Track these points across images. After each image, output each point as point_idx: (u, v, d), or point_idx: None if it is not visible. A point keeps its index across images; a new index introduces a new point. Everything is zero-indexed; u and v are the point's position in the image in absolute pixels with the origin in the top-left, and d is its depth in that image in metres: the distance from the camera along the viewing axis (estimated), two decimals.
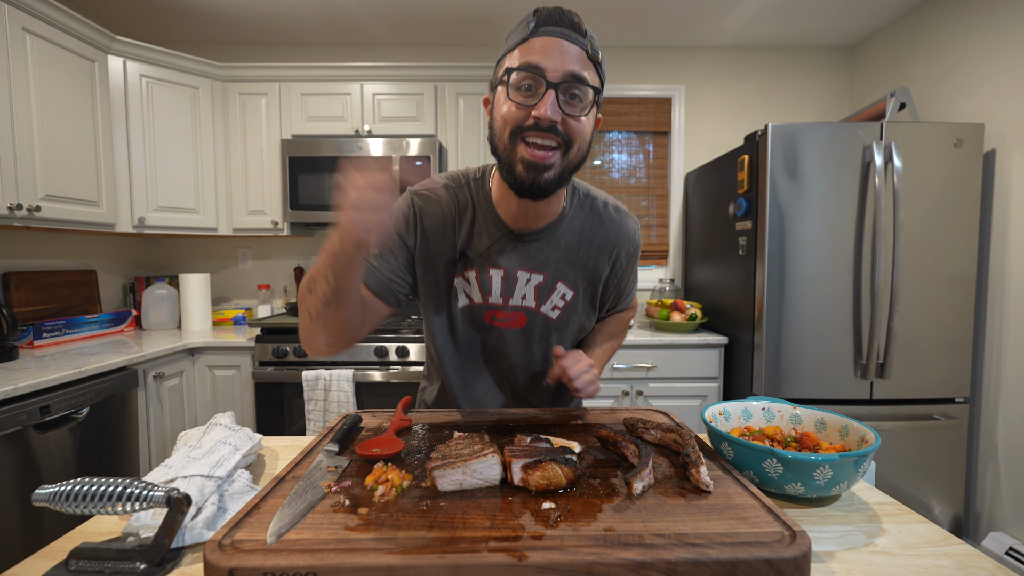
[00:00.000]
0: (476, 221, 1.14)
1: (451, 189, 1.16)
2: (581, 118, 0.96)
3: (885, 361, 2.50)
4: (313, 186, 3.06)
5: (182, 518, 0.71)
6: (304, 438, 1.22)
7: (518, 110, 0.94)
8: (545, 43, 0.92)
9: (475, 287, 1.16)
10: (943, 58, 2.92)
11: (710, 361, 2.93)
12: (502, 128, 0.97)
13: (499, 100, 0.99)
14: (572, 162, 0.99)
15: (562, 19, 0.94)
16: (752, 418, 1.06)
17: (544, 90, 0.92)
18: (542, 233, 1.14)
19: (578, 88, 0.94)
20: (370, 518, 0.69)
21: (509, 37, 0.99)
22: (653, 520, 0.69)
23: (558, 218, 1.15)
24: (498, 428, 1.08)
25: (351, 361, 2.78)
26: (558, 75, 0.92)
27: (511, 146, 0.97)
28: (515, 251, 1.14)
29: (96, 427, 2.18)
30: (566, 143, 0.96)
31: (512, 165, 0.98)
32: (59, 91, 2.46)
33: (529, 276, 1.15)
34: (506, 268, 1.14)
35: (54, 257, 2.88)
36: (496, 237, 1.13)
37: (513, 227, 1.13)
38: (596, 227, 1.19)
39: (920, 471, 2.59)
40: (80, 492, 0.69)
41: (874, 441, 0.86)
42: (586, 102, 0.96)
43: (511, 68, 0.95)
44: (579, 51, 0.94)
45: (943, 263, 2.51)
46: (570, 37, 0.93)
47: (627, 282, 1.32)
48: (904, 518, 0.83)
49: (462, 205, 1.15)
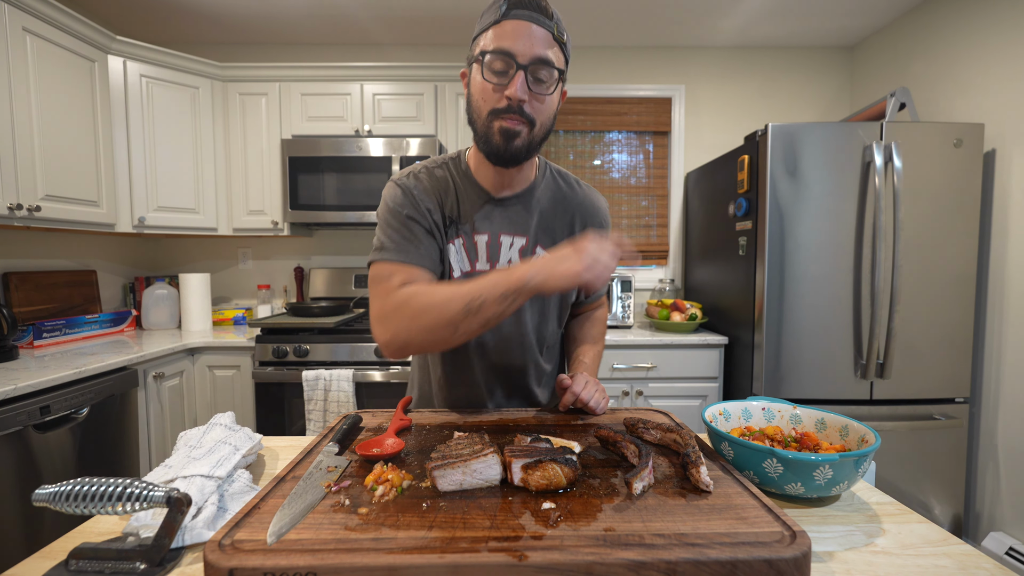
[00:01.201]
0: (458, 192, 1.21)
1: (431, 168, 1.23)
2: (546, 97, 1.07)
3: (885, 361, 2.50)
4: (313, 186, 3.06)
5: (182, 518, 0.71)
6: (304, 438, 1.22)
7: (494, 91, 1.05)
8: (516, 26, 1.02)
9: (463, 254, 1.20)
10: (943, 58, 2.92)
11: (710, 361, 2.93)
12: (480, 106, 1.09)
13: (475, 77, 1.09)
14: (537, 136, 1.10)
15: (530, 2, 1.03)
16: (752, 418, 1.06)
17: (514, 71, 1.03)
18: (520, 197, 1.24)
19: (545, 69, 1.04)
20: (370, 518, 0.69)
21: (483, 15, 1.08)
22: (653, 520, 0.69)
23: (532, 184, 1.25)
24: (498, 428, 1.08)
25: (351, 361, 2.78)
26: (527, 57, 1.02)
27: (488, 122, 1.08)
28: (496, 215, 1.22)
29: (96, 427, 2.18)
30: (531, 122, 1.07)
31: (489, 137, 1.08)
32: (59, 91, 2.46)
33: (512, 239, 1.22)
34: (489, 233, 1.21)
35: (54, 257, 2.88)
36: (478, 204, 1.21)
37: (493, 193, 1.22)
38: (568, 197, 1.29)
39: (920, 471, 2.59)
40: (80, 492, 0.69)
41: (874, 441, 0.86)
42: (551, 81, 1.07)
43: (485, 51, 1.04)
44: (545, 33, 1.03)
45: (943, 263, 2.51)
46: (538, 20, 1.03)
47: None
48: (904, 518, 0.83)
49: (443, 180, 1.21)
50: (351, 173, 3.05)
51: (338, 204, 3.07)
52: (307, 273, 3.66)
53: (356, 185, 3.05)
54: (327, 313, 3.10)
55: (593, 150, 3.75)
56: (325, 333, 2.81)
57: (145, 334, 3.02)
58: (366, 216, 3.07)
